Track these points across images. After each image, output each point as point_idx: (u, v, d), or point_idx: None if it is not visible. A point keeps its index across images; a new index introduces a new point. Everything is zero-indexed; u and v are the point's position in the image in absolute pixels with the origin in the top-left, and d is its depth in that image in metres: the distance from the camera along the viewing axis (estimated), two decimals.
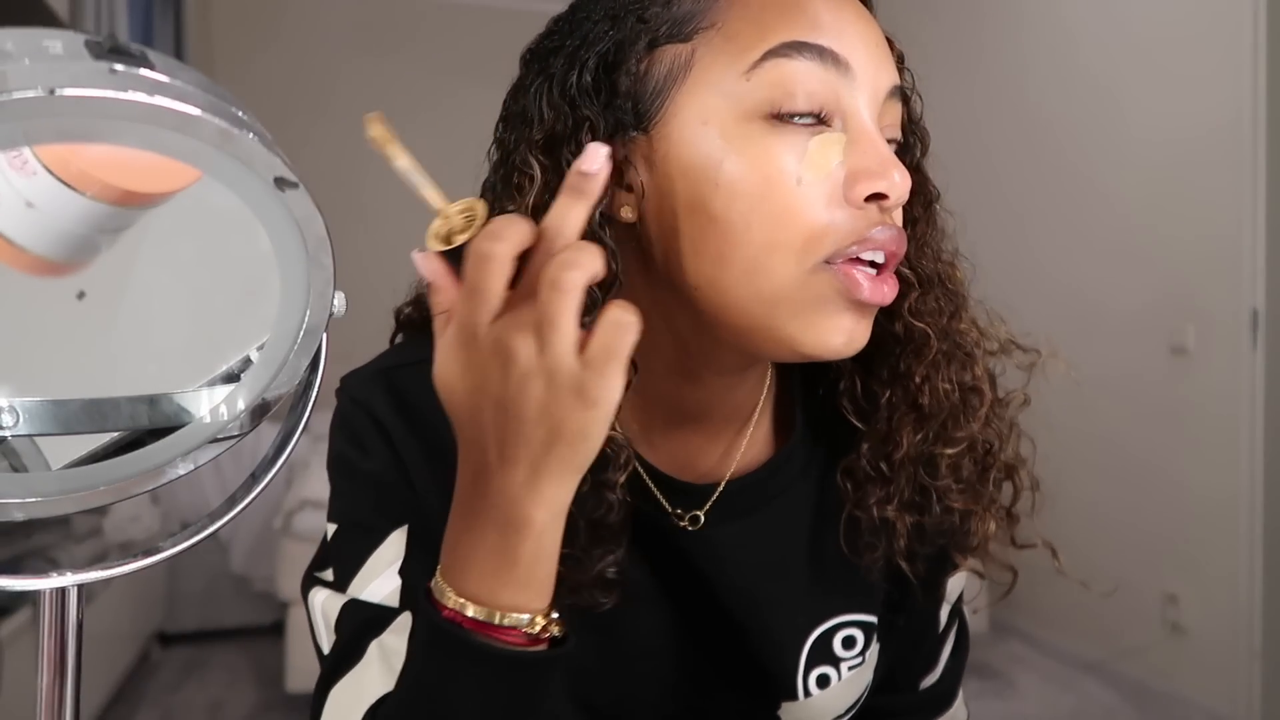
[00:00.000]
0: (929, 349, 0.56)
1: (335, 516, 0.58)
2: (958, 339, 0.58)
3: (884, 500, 0.58)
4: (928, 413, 0.57)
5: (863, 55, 0.49)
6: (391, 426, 0.57)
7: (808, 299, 0.48)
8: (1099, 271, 2.83)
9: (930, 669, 0.69)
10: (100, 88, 0.33)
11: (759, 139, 0.48)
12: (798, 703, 0.61)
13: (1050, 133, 3.03)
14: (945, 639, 0.70)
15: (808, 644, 0.61)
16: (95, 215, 0.40)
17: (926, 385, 0.57)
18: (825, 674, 0.61)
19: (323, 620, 0.56)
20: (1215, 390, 2.45)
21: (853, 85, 0.49)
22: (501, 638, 0.44)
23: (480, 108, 3.61)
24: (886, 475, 0.58)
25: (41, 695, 0.45)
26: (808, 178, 0.48)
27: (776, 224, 0.48)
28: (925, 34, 3.62)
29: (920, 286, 0.57)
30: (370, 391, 0.58)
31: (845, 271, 0.48)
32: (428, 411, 0.52)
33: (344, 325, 0.46)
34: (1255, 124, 2.34)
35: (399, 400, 0.57)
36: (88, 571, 0.44)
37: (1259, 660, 2.36)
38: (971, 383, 0.58)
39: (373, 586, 0.54)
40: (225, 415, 0.45)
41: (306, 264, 0.41)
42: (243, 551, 2.98)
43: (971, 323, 0.60)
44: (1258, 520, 2.36)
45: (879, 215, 0.48)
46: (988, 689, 2.72)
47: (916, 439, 0.57)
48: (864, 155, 0.48)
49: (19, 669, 1.75)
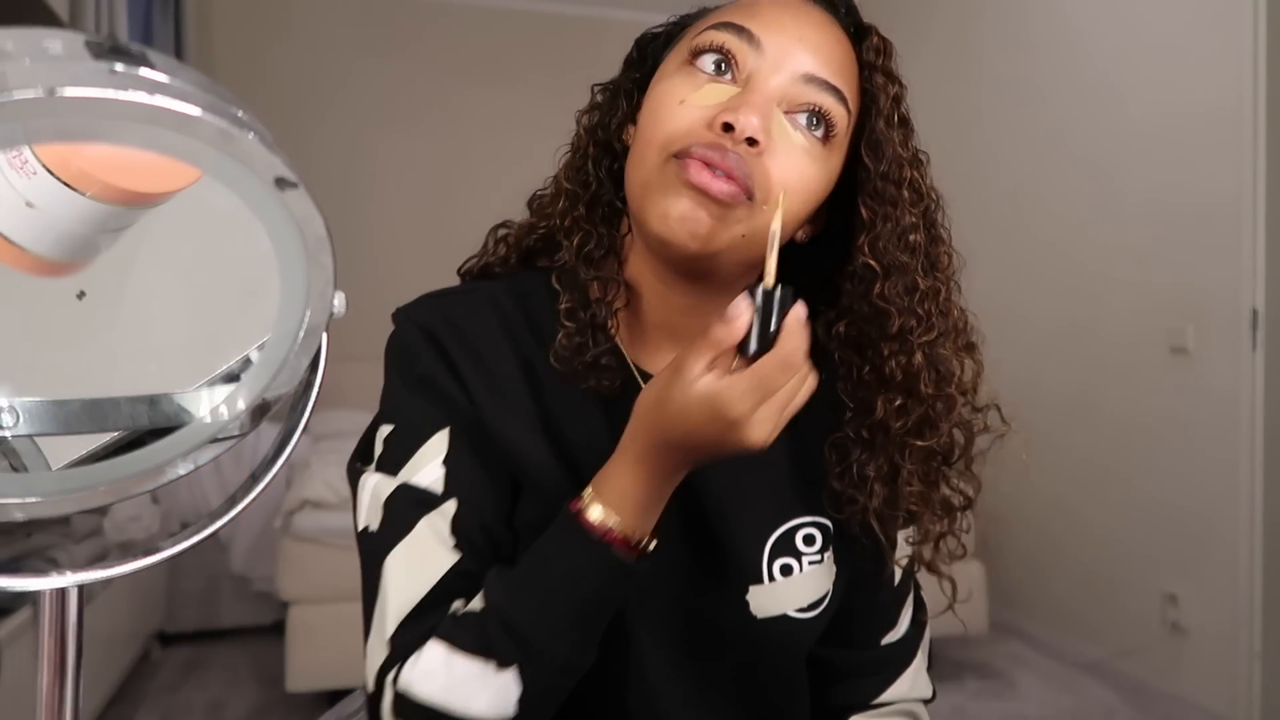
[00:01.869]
0: (891, 326, 0.65)
1: (389, 418, 0.68)
2: (924, 318, 0.66)
3: (865, 462, 0.68)
4: (893, 382, 0.66)
5: (780, 40, 0.62)
6: (440, 335, 0.68)
7: (659, 183, 0.62)
8: (1099, 271, 2.83)
9: (891, 628, 0.78)
10: (100, 88, 0.33)
11: (674, 74, 0.65)
12: (763, 586, 0.70)
13: (1050, 131, 3.03)
14: (904, 599, 0.79)
15: (772, 537, 0.71)
16: (95, 215, 0.40)
17: (893, 359, 0.66)
18: (788, 564, 0.71)
19: (371, 499, 0.65)
20: (1215, 390, 2.45)
21: (761, 58, 0.62)
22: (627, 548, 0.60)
23: (481, 107, 3.63)
24: (866, 439, 0.68)
25: (41, 695, 0.45)
26: (689, 101, 0.62)
27: (654, 126, 0.63)
28: (925, 29, 3.63)
29: (884, 274, 0.65)
30: (421, 310, 0.70)
31: (684, 162, 0.60)
32: (470, 325, 0.68)
33: (344, 325, 0.46)
34: (1256, 123, 2.34)
35: (446, 315, 0.69)
36: (88, 571, 0.44)
37: (1259, 660, 2.36)
38: (934, 359, 0.67)
39: (421, 473, 0.65)
40: (225, 415, 0.45)
41: (306, 264, 0.41)
42: (243, 551, 2.98)
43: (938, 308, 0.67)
44: (1258, 520, 2.36)
45: (730, 141, 0.60)
46: (988, 689, 2.72)
47: (892, 408, 0.67)
48: (736, 99, 0.61)
49: (19, 669, 1.75)
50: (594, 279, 0.68)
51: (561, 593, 0.60)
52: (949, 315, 0.68)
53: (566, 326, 0.67)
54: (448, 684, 0.59)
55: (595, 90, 0.75)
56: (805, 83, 0.62)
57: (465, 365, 0.67)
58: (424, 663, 0.60)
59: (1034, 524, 3.07)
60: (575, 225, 0.69)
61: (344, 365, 0.49)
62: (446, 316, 0.69)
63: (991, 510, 3.12)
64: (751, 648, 0.72)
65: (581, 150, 0.72)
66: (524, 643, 0.59)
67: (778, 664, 0.74)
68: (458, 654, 0.59)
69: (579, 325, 0.66)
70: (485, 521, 0.65)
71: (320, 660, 2.37)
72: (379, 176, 4.22)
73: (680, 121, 0.62)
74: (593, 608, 0.61)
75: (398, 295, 0.76)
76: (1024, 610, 3.13)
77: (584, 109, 0.74)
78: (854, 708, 0.78)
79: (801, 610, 0.71)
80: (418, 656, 0.60)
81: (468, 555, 0.64)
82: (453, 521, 0.64)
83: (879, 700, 0.78)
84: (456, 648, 0.60)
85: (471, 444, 0.66)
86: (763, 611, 0.70)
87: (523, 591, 0.60)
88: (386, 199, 4.23)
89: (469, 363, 0.67)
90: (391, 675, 0.60)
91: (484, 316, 0.69)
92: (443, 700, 0.59)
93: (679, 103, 0.62)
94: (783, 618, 0.70)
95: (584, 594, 0.60)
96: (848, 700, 0.78)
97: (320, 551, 2.44)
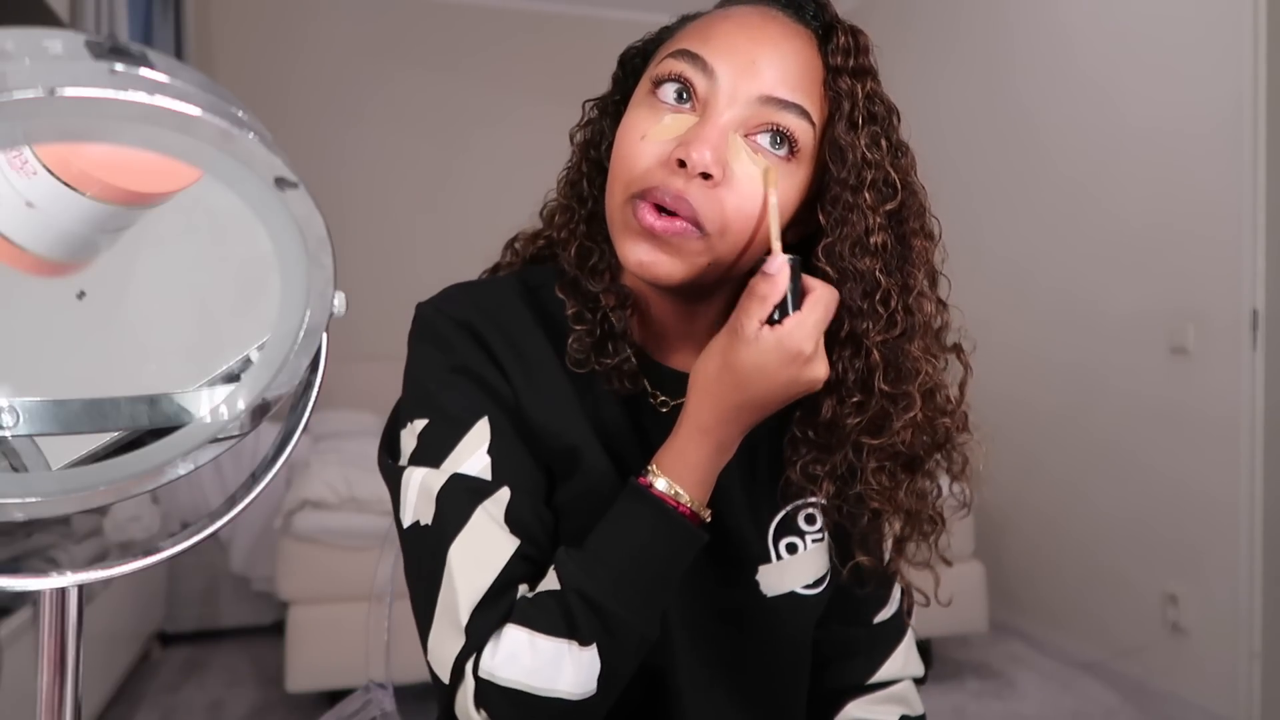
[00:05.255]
0: (842, 332, 0.67)
1: (421, 412, 0.68)
2: (882, 317, 0.67)
3: (813, 461, 0.70)
4: (845, 383, 0.67)
5: (733, 64, 0.64)
6: (475, 323, 0.69)
7: (621, 223, 0.65)
8: (1099, 271, 2.83)
9: (882, 606, 0.82)
10: (100, 88, 0.33)
11: (639, 105, 0.67)
12: (771, 565, 0.74)
13: (1049, 131, 3.03)
14: (893, 580, 0.81)
15: (777, 518, 0.75)
16: (95, 215, 0.40)
17: (841, 362, 0.67)
18: (793, 542, 0.75)
19: (419, 494, 0.65)
20: (1215, 390, 2.45)
21: (715, 86, 0.64)
22: (690, 518, 0.64)
23: (480, 106, 3.64)
24: (813, 439, 0.70)
25: (41, 695, 0.45)
26: (649, 136, 0.64)
27: (618, 164, 0.66)
28: (919, 34, 3.63)
29: (839, 280, 0.66)
30: (451, 300, 0.71)
31: (638, 205, 0.63)
32: (504, 314, 0.70)
33: (344, 325, 0.46)
34: (1255, 123, 2.34)
35: (478, 304, 0.71)
36: (88, 571, 0.44)
37: (1259, 660, 2.36)
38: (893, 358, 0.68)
39: (468, 463, 0.65)
40: (225, 415, 0.45)
41: (306, 264, 0.41)
42: (243, 551, 2.98)
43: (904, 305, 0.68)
44: (1258, 520, 2.36)
45: (684, 178, 0.62)
46: (988, 689, 2.72)
47: (843, 409, 0.68)
48: (691, 133, 0.63)
49: (19, 669, 1.75)
50: (604, 290, 0.70)
51: (636, 565, 0.62)
52: (916, 313, 0.68)
53: (577, 330, 0.69)
54: (532, 666, 0.59)
55: (586, 106, 0.76)
56: (762, 104, 0.63)
57: (505, 353, 0.69)
58: (505, 647, 0.60)
59: (1034, 524, 3.07)
60: (574, 238, 0.72)
61: (344, 365, 0.49)
62: (479, 305, 0.70)
63: (991, 511, 3.12)
64: (763, 629, 0.74)
65: (576, 167, 0.75)
66: (607, 617, 0.61)
67: (786, 644, 0.76)
68: (539, 635, 0.60)
69: (589, 328, 0.69)
70: (536, 505, 0.66)
71: (320, 660, 2.37)
72: (379, 176, 4.22)
73: (640, 160, 0.64)
74: (663, 580, 0.64)
75: (397, 295, 0.76)
76: (1024, 610, 3.13)
77: (578, 125, 0.76)
78: (851, 689, 0.80)
79: (808, 587, 0.74)
80: (497, 642, 0.60)
81: (525, 540, 0.64)
82: (507, 508, 0.65)
83: (874, 679, 0.80)
84: (537, 630, 0.60)
85: (512, 429, 0.67)
86: (772, 590, 0.73)
87: (599, 566, 0.62)
88: (386, 199, 4.23)
89: (509, 351, 0.69)
90: (471, 663, 0.60)
91: (515, 305, 0.72)
92: (528, 683, 0.59)
93: (640, 138, 0.64)
94: (791, 595, 0.73)
95: (656, 566, 0.63)
96: (845, 681, 0.80)
97: (320, 551, 2.44)
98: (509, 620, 0.61)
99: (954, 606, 0.79)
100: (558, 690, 0.59)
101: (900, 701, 0.80)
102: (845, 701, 0.80)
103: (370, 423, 3.47)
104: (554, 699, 0.59)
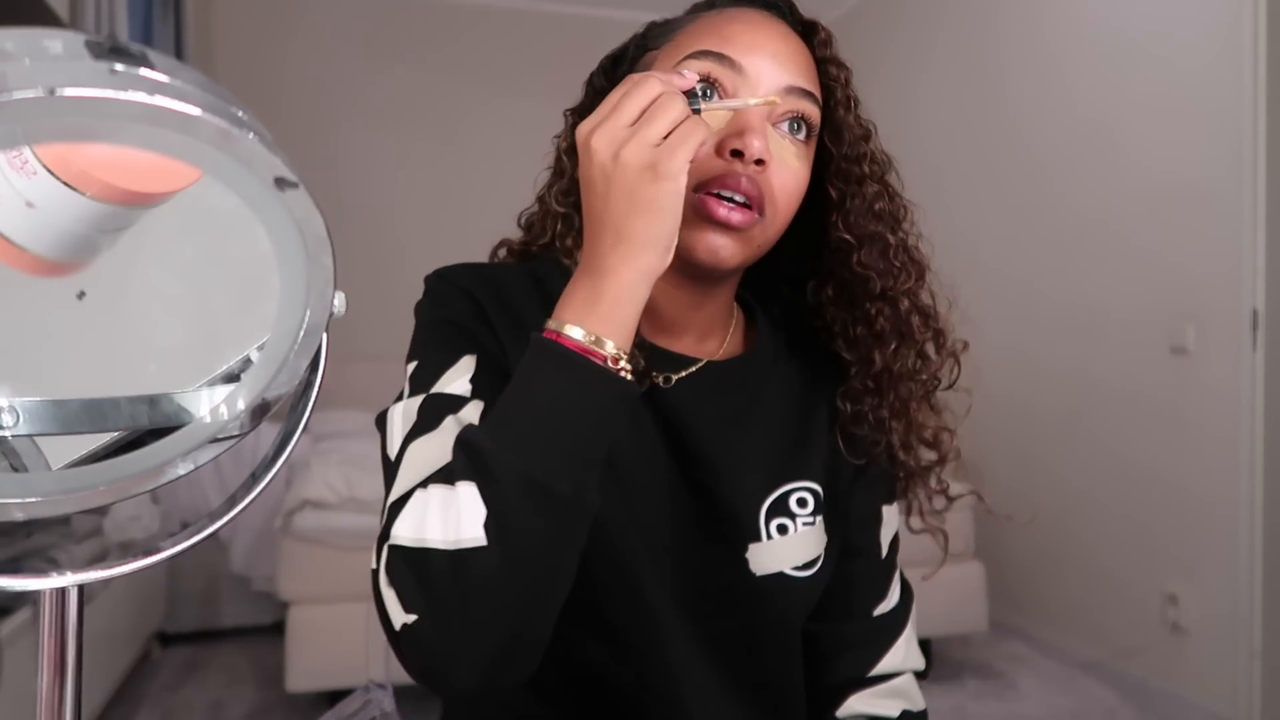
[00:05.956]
0: (875, 288, 0.75)
1: (414, 357, 0.71)
2: (900, 269, 0.75)
3: (877, 406, 0.77)
4: (885, 333, 0.76)
5: (758, 61, 0.68)
6: (477, 293, 0.72)
7: (688, 215, 0.65)
8: (1099, 271, 2.83)
9: (882, 599, 0.83)
10: (100, 88, 0.33)
11: None
12: (761, 544, 0.75)
13: (1048, 132, 3.03)
14: (892, 571, 0.84)
15: (769, 499, 0.76)
16: (95, 215, 0.40)
17: (880, 316, 0.75)
18: (784, 524, 0.76)
19: (402, 417, 0.67)
20: (1215, 390, 2.45)
21: (745, 81, 0.68)
22: (586, 354, 0.58)
23: (481, 106, 3.63)
24: (873, 388, 0.77)
25: (41, 695, 0.45)
26: None
27: None
28: (922, 41, 3.63)
29: (859, 244, 0.74)
30: (459, 272, 0.75)
31: (703, 199, 0.66)
32: (510, 291, 0.73)
33: (344, 325, 0.46)
34: (1255, 122, 2.34)
35: (484, 278, 0.74)
36: (88, 571, 0.44)
37: (1259, 660, 2.36)
38: (917, 302, 0.76)
39: (451, 386, 0.67)
40: (225, 415, 0.45)
41: (306, 264, 0.41)
42: (243, 551, 2.98)
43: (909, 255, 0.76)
44: (1258, 520, 2.36)
45: (741, 166, 0.66)
46: (988, 689, 2.72)
47: (890, 355, 0.76)
48: (735, 125, 0.67)
49: (19, 669, 1.75)
50: None
51: (520, 404, 0.58)
52: (918, 259, 0.77)
53: None
54: (419, 520, 0.57)
55: (568, 115, 0.80)
56: (787, 94, 0.69)
57: (501, 320, 0.72)
58: (404, 512, 0.58)
59: (1034, 524, 3.07)
60: (580, 245, 0.74)
61: (344, 365, 0.48)
62: (485, 279, 0.74)
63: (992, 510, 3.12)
64: (752, 607, 0.75)
65: (567, 174, 0.78)
66: (475, 454, 0.56)
67: (776, 625, 0.77)
68: (429, 489, 0.58)
69: None
70: None
71: (320, 660, 2.37)
72: (379, 176, 4.22)
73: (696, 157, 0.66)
74: (554, 416, 0.57)
75: (398, 295, 0.76)
76: (1024, 610, 3.13)
77: (561, 133, 0.80)
78: (852, 682, 0.81)
79: (797, 569, 0.75)
80: (403, 509, 0.58)
81: None
82: (479, 418, 0.64)
83: (875, 672, 0.81)
84: (426, 485, 0.58)
85: (496, 371, 0.69)
86: (761, 569, 0.74)
87: (487, 418, 0.59)
88: (386, 198, 4.23)
89: (506, 319, 0.72)
90: (380, 539, 0.59)
91: (523, 285, 0.75)
92: (413, 537, 0.56)
93: None
94: (780, 575, 0.75)
95: (540, 401, 0.57)
96: (846, 674, 0.81)
97: (320, 551, 2.44)
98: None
99: (954, 606, 0.80)
100: (429, 538, 0.55)
101: (902, 696, 0.81)
102: (847, 694, 0.81)
103: (370, 423, 3.46)
104: (437, 550, 0.55)
